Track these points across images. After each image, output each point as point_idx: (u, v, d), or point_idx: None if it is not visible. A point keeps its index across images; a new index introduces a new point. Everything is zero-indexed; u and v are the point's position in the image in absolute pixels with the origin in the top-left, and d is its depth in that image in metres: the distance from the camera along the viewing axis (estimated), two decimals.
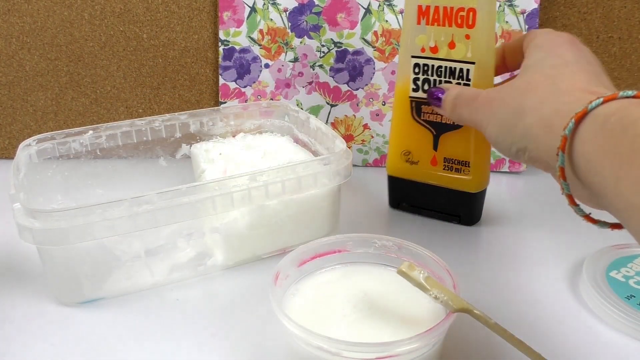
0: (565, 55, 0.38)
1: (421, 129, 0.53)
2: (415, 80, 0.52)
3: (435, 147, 0.53)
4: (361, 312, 0.38)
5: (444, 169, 0.54)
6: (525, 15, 0.64)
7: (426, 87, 0.51)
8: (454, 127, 0.52)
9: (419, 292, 0.37)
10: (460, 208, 0.56)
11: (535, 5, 0.64)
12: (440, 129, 0.53)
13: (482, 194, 0.55)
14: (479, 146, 0.52)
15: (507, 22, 0.64)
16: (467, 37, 0.48)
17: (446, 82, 0.50)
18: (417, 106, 0.53)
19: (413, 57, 0.51)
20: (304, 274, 0.42)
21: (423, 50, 0.51)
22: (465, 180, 0.53)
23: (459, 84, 0.50)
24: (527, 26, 0.64)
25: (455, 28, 0.48)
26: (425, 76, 0.51)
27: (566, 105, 0.33)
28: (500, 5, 0.64)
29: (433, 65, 0.50)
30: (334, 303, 0.39)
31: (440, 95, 0.47)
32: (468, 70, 0.49)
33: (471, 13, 0.47)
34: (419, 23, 0.50)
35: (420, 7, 0.49)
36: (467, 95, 0.44)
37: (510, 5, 0.64)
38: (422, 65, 0.51)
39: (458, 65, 0.49)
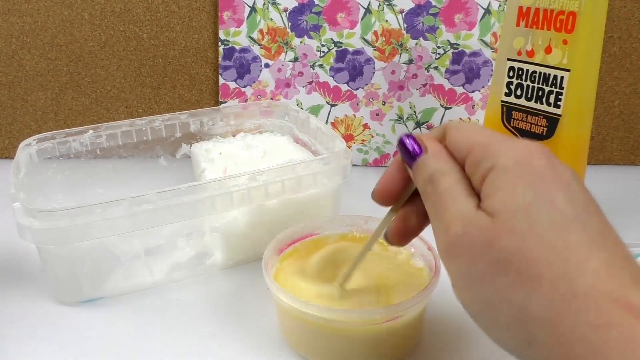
0: (558, 200, 0.25)
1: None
2: (508, 84, 0.51)
3: None
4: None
5: None
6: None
7: (519, 92, 0.50)
8: (543, 137, 0.50)
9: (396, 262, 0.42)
10: None
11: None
12: (527, 138, 0.51)
13: None
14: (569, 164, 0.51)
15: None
16: (565, 42, 0.46)
17: (538, 89, 0.49)
18: (507, 112, 0.52)
19: (509, 59, 0.50)
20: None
21: (519, 53, 0.50)
22: None
23: (551, 92, 0.48)
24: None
25: (554, 32, 0.47)
26: (519, 81, 0.50)
27: (593, 334, 0.22)
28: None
29: (528, 70, 0.49)
30: (318, 279, 0.41)
31: (414, 151, 0.30)
32: (562, 77, 0.47)
33: (571, 17, 0.46)
34: (517, 25, 0.49)
35: (521, 8, 0.48)
36: (440, 196, 0.28)
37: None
38: (516, 69, 0.50)
39: (552, 72, 0.48)
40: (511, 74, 0.50)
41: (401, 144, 0.31)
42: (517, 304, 0.24)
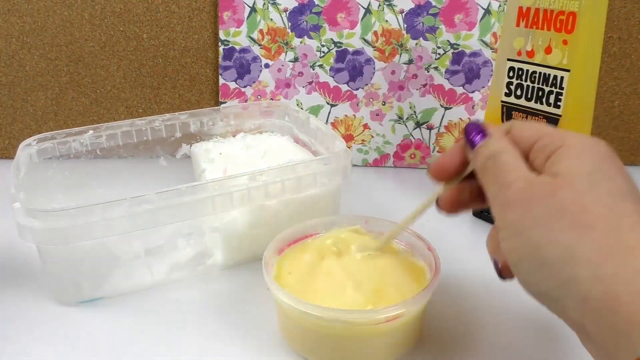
0: (617, 178, 0.28)
1: None
2: (508, 84, 0.51)
3: None
4: (346, 282, 0.40)
5: None
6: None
7: (519, 92, 0.50)
8: None
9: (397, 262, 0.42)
10: None
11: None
12: None
13: None
14: None
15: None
16: (565, 42, 0.46)
17: (538, 89, 0.49)
18: (507, 112, 0.52)
19: (509, 60, 0.51)
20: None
21: (519, 53, 0.50)
22: None
23: (551, 92, 0.48)
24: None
25: (554, 32, 0.47)
26: (519, 81, 0.50)
27: (638, 278, 0.25)
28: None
29: (528, 70, 0.49)
30: (318, 279, 0.41)
31: (476, 139, 0.33)
32: (562, 78, 0.47)
33: (571, 17, 0.46)
34: (517, 25, 0.49)
35: (520, 8, 0.49)
36: (501, 167, 0.31)
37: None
38: (516, 69, 0.50)
39: (552, 72, 0.48)
40: (511, 74, 0.50)
41: (467, 129, 0.34)
42: (565, 245, 0.27)
